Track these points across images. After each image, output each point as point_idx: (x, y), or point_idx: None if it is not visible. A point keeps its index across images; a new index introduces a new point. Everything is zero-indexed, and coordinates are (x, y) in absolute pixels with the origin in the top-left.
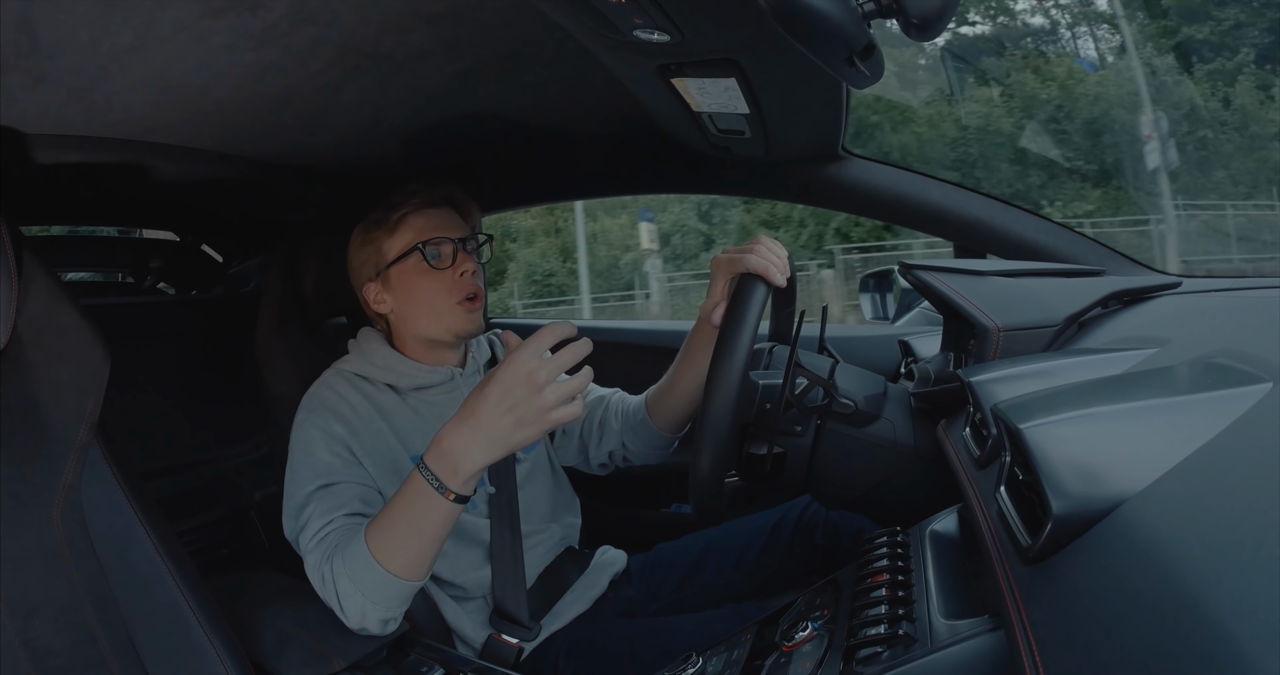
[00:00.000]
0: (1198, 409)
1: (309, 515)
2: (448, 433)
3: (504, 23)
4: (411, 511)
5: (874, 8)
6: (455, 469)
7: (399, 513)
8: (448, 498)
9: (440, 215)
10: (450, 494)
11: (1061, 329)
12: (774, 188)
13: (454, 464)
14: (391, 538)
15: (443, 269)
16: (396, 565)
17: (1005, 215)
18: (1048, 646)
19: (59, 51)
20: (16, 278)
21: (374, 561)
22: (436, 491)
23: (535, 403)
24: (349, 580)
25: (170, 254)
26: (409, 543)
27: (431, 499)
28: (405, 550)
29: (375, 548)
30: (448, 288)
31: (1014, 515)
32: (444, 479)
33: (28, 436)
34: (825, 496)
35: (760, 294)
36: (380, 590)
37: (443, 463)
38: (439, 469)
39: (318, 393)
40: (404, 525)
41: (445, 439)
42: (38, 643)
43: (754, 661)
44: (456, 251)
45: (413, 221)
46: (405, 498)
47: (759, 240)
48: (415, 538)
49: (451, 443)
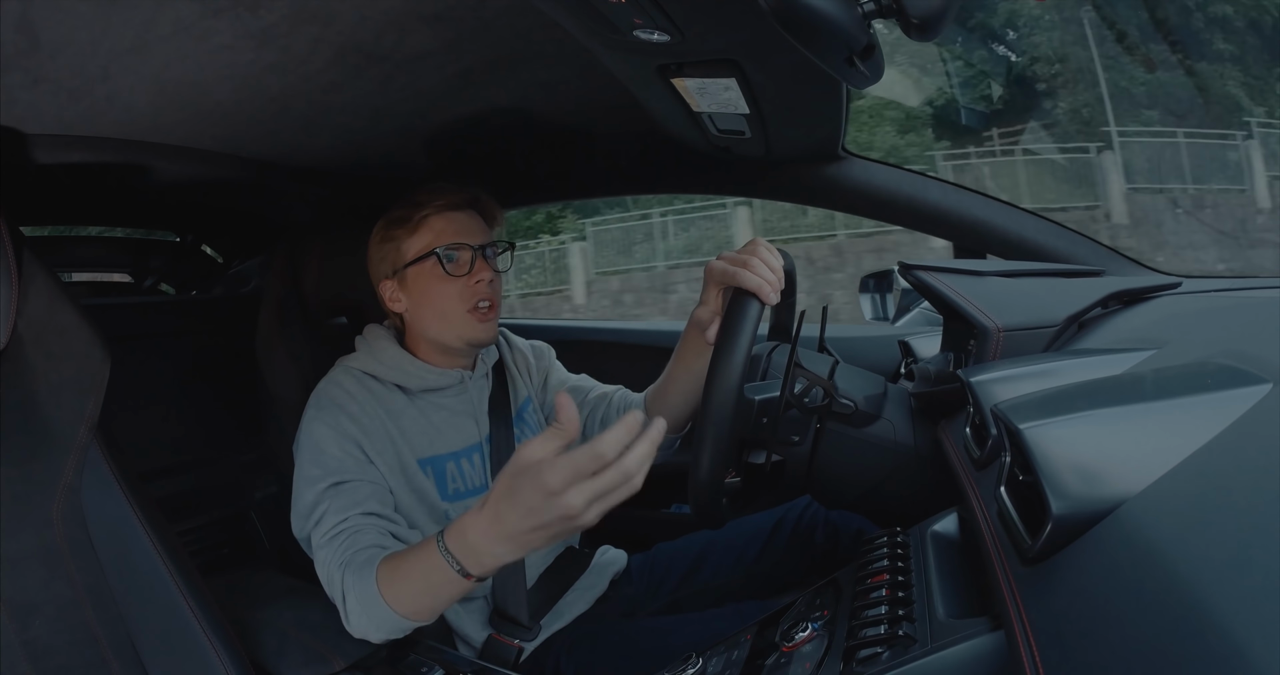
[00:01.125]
0: (1198, 410)
1: (321, 513)
2: (471, 526)
3: (504, 23)
4: (427, 581)
5: (874, 8)
6: (479, 561)
7: (415, 576)
8: (468, 580)
9: (463, 219)
10: (471, 577)
11: (1061, 329)
12: (774, 188)
13: (477, 558)
14: (404, 591)
15: (459, 276)
16: (405, 610)
17: (1005, 215)
18: (1048, 646)
19: (59, 51)
20: (17, 278)
21: (384, 603)
22: (457, 574)
23: (569, 526)
24: (357, 603)
25: (170, 254)
26: (421, 601)
27: (450, 577)
28: (416, 605)
29: (386, 592)
30: (461, 295)
31: (1014, 515)
32: (466, 566)
33: (28, 436)
34: (825, 497)
35: (754, 313)
36: (385, 622)
37: (465, 552)
38: (461, 556)
39: (327, 390)
40: (419, 587)
41: (470, 534)
42: (38, 643)
43: (754, 661)
44: (475, 258)
45: (434, 224)
46: (422, 566)
47: (755, 250)
48: (428, 598)
49: (476, 539)
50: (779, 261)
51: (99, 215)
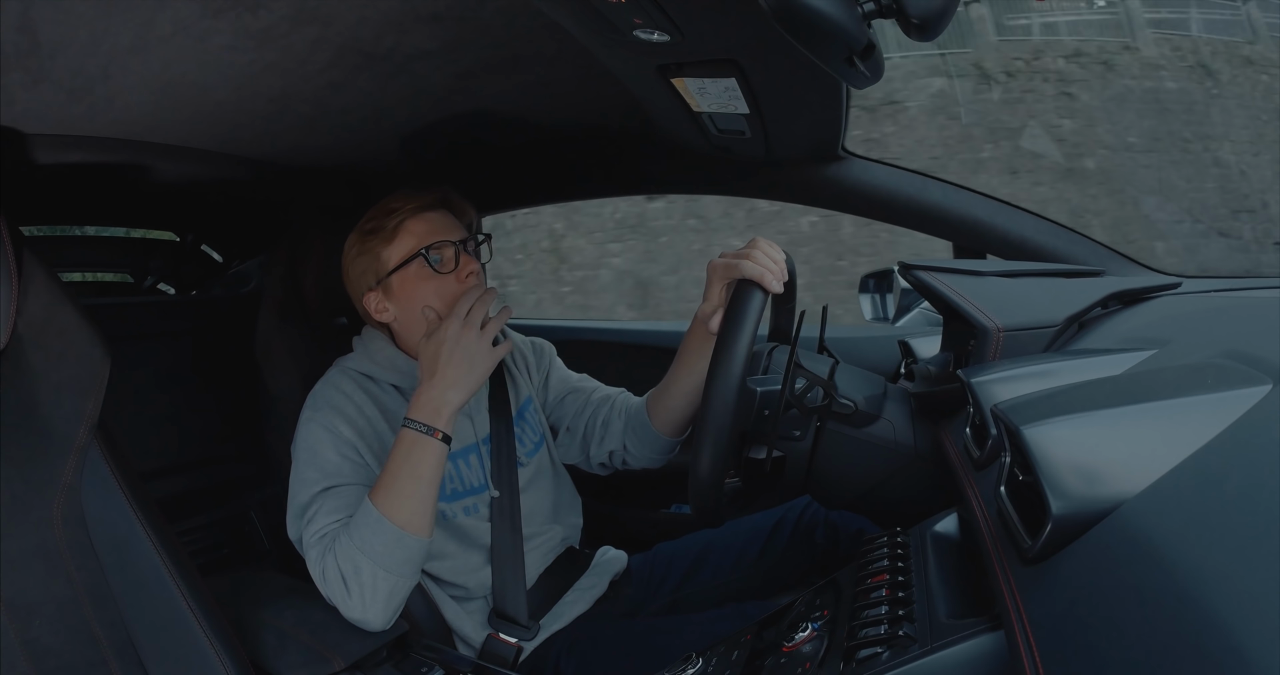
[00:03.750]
0: (1198, 410)
1: (313, 515)
2: (422, 391)
3: (504, 23)
4: (408, 461)
5: (874, 8)
6: (438, 412)
7: (397, 465)
8: (436, 437)
9: (437, 218)
10: (438, 434)
11: (1061, 329)
12: (774, 188)
13: (436, 408)
14: (393, 490)
15: (446, 273)
16: (402, 516)
17: (1005, 215)
18: (1047, 646)
19: (59, 51)
20: (16, 278)
21: (382, 517)
22: (426, 435)
23: (478, 347)
24: (357, 549)
25: (170, 254)
26: (410, 489)
27: (424, 444)
28: (408, 498)
29: (380, 503)
30: (453, 291)
31: (1014, 516)
32: (430, 422)
33: (28, 436)
34: (825, 497)
35: (758, 301)
36: (390, 552)
37: (425, 411)
38: (424, 417)
39: (323, 392)
40: (404, 474)
41: (421, 394)
42: (38, 643)
43: (754, 661)
44: (458, 254)
45: (411, 227)
46: (400, 452)
47: (756, 244)
48: (415, 482)
49: (428, 395)
50: (780, 255)
51: (99, 215)
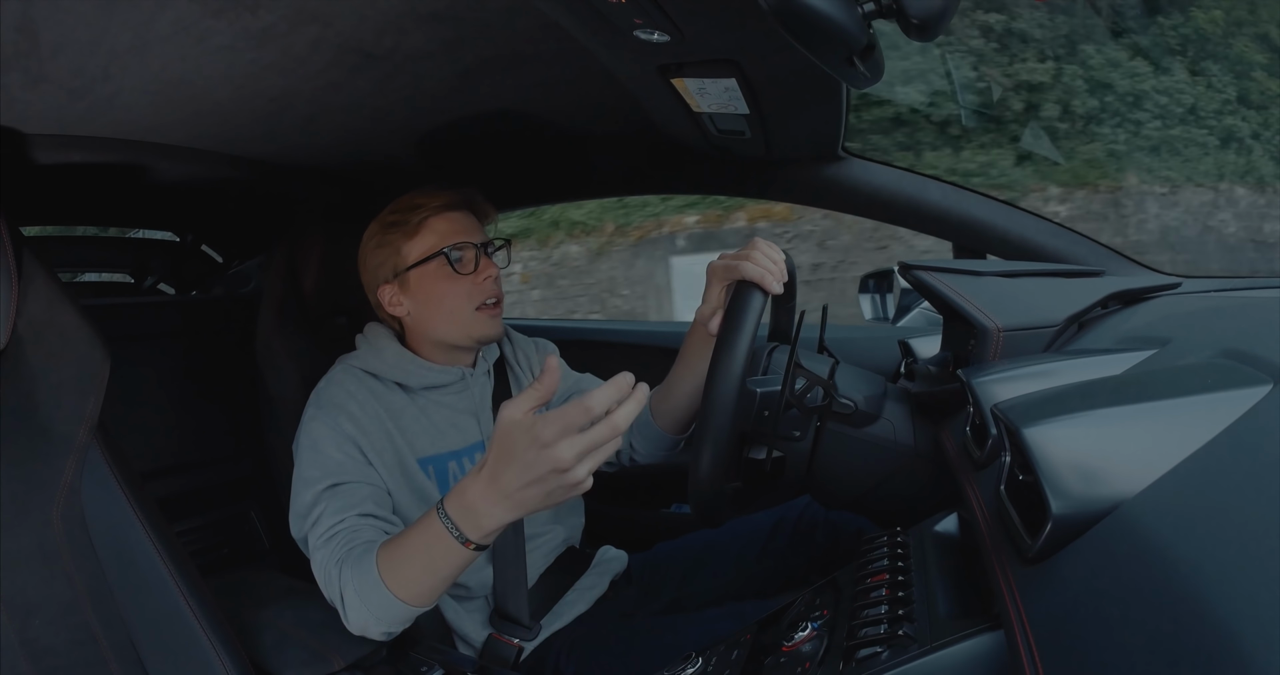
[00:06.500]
0: (1198, 410)
1: (319, 514)
2: (470, 488)
3: (504, 23)
4: (428, 554)
5: (874, 8)
6: (478, 525)
7: (414, 551)
8: (468, 548)
9: (461, 219)
10: (471, 544)
11: (1061, 329)
12: (774, 188)
13: (477, 521)
14: (404, 571)
15: (466, 274)
16: (406, 594)
17: (1005, 215)
18: (1047, 646)
19: (59, 51)
20: (16, 278)
21: (383, 586)
22: (456, 541)
23: (563, 482)
24: (356, 595)
25: (170, 254)
26: (421, 579)
27: (450, 546)
28: (417, 584)
29: (386, 575)
30: (469, 293)
31: (1014, 516)
32: (465, 532)
33: (28, 436)
34: (825, 497)
35: (757, 303)
36: (386, 610)
37: (464, 517)
38: (461, 522)
39: (326, 390)
40: (419, 564)
41: (469, 494)
42: (37, 643)
43: (754, 661)
44: (479, 256)
45: (435, 225)
46: (422, 539)
47: (755, 245)
48: (429, 576)
49: (475, 501)
50: (780, 255)
51: (99, 215)
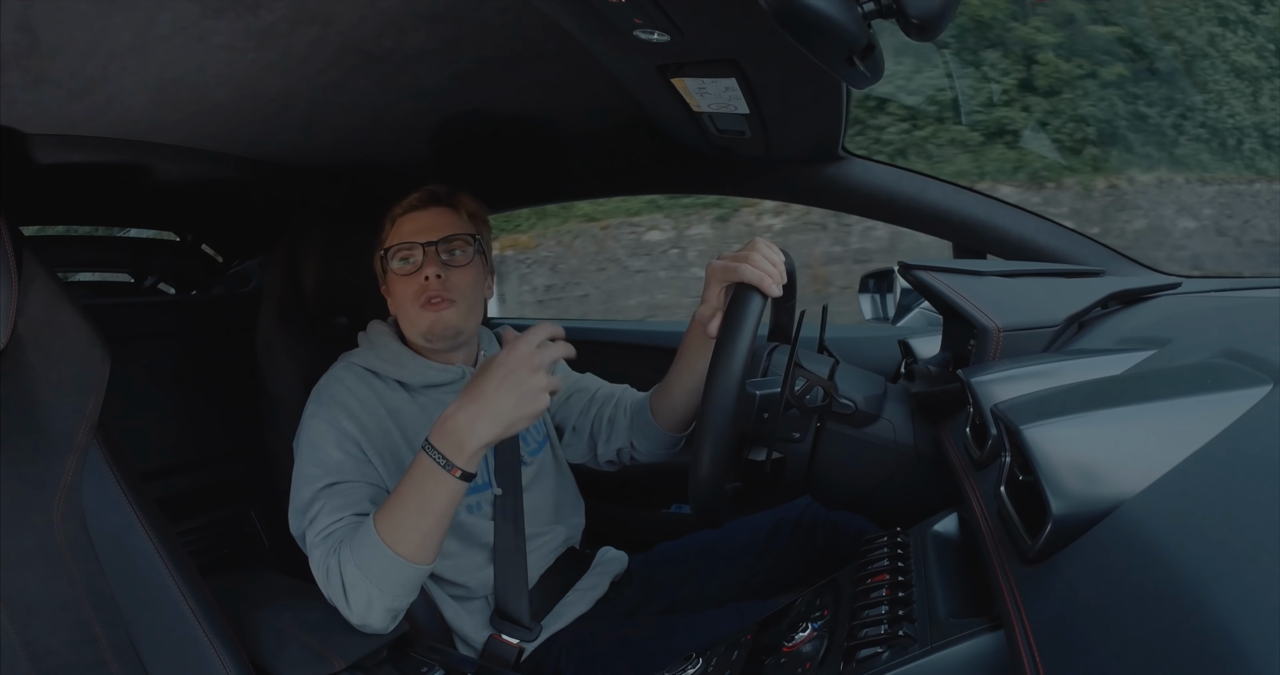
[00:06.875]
0: (1197, 410)
1: (316, 512)
2: (453, 412)
3: (504, 23)
4: (419, 492)
5: (874, 8)
6: (461, 446)
7: (407, 494)
8: (454, 475)
9: (424, 217)
10: (456, 471)
11: (1061, 329)
12: (774, 188)
13: (460, 441)
14: (400, 520)
15: (407, 274)
16: (405, 547)
17: (1005, 215)
18: (1048, 646)
19: (59, 51)
20: (16, 278)
21: (383, 545)
22: (443, 469)
23: (533, 382)
24: (357, 568)
25: (170, 254)
26: (417, 523)
27: (439, 478)
28: (413, 531)
29: (384, 531)
30: (415, 292)
31: (1014, 516)
32: (450, 457)
33: (28, 436)
34: (825, 497)
35: (756, 306)
36: (388, 576)
37: (448, 441)
38: (445, 447)
39: (327, 387)
40: (412, 506)
41: (450, 418)
42: (38, 643)
43: (754, 661)
44: (425, 254)
45: (400, 226)
46: (413, 479)
47: (754, 246)
48: (422, 518)
49: (457, 421)
50: (779, 257)
51: (99, 215)
